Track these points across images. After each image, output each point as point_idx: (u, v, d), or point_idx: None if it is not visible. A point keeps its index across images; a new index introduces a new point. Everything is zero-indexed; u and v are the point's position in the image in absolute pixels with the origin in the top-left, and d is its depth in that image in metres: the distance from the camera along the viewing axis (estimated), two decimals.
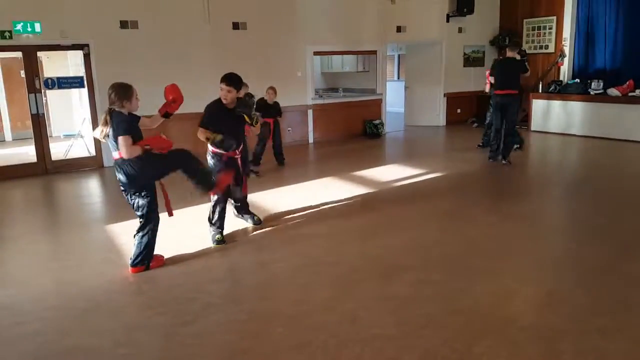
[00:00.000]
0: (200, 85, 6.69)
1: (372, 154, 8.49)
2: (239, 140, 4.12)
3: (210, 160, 4.18)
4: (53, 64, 8.79)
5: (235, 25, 8.20)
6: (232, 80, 4.01)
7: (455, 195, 5.62)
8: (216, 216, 4.18)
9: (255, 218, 4.59)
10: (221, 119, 4.04)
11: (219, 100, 4.08)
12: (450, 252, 3.91)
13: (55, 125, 9.43)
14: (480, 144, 8.22)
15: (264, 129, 7.19)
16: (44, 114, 6.89)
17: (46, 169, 7.06)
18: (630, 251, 3.83)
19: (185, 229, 4.46)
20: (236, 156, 4.20)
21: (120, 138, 3.35)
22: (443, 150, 8.91)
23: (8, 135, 10.08)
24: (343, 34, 9.52)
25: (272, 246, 4.16)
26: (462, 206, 5.15)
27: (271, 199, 5.41)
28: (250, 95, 6.04)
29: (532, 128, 10.07)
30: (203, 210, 5.04)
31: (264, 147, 7.16)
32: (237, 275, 3.73)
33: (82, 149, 7.99)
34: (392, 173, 6.61)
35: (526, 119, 10.42)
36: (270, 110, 7.04)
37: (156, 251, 3.73)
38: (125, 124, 3.40)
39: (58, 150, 7.88)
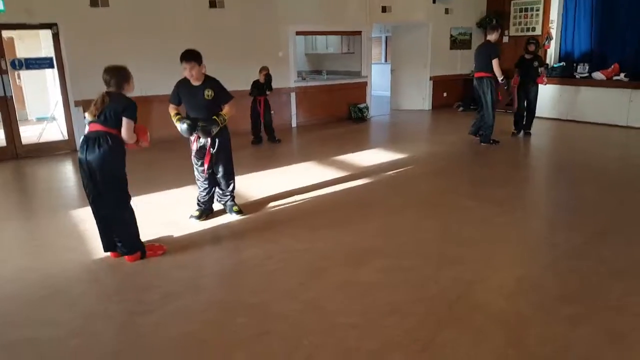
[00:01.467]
0: (176, 65, 6.42)
1: (356, 138, 8.37)
2: (208, 117, 3.99)
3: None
4: (24, 44, 8.50)
5: (212, 4, 7.95)
6: (189, 56, 3.91)
7: (436, 180, 5.54)
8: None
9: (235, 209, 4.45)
10: (185, 94, 4.03)
11: (184, 78, 4.00)
12: (424, 238, 3.83)
13: (30, 108, 9.18)
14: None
15: (253, 105, 7.33)
16: (11, 96, 6.64)
17: (16, 153, 6.85)
18: (606, 236, 3.78)
19: (149, 215, 4.33)
20: (206, 146, 4.09)
21: (127, 120, 3.27)
22: (428, 134, 8.81)
23: None
24: (327, 12, 9.30)
25: (243, 233, 4.05)
26: (442, 191, 5.07)
27: (249, 184, 5.29)
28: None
29: None
30: (168, 196, 4.94)
31: (258, 124, 7.48)
32: (202, 262, 3.62)
33: (55, 132, 7.78)
34: (374, 157, 6.51)
35: (511, 102, 10.34)
36: (262, 88, 7.39)
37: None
38: (134, 107, 3.32)
39: (32, 134, 7.70)
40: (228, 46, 8.20)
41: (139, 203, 3.72)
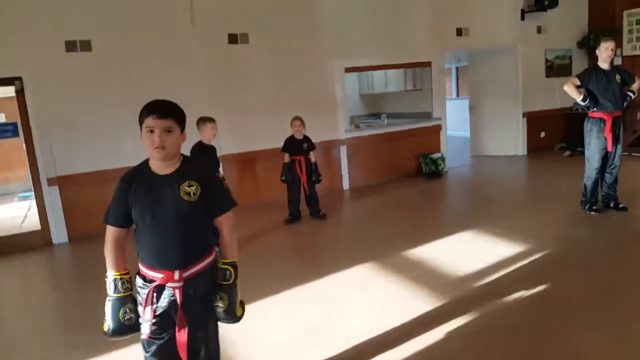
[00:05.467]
0: (190, 119, 4.54)
1: (432, 209, 5.97)
2: (192, 256, 1.92)
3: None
4: None
5: (232, 38, 6.04)
6: (160, 108, 1.84)
7: (581, 301, 3.03)
8: None
9: None
10: (142, 197, 1.87)
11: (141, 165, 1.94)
12: None
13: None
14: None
15: (290, 170, 5.35)
16: None
17: None
18: None
19: None
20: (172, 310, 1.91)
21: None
22: (536, 197, 6.19)
23: None
24: (385, 43, 7.14)
25: None
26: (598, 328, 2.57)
27: (251, 337, 3.05)
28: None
29: None
30: None
31: (297, 194, 5.48)
32: None
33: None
34: (465, 255, 4.07)
35: (638, 143, 7.59)
36: (299, 146, 5.37)
37: None
38: None
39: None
40: (254, 90, 6.23)
41: None
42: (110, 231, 1.90)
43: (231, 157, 6.10)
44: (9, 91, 5.12)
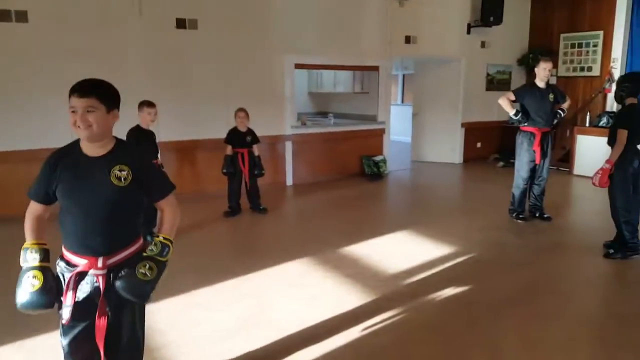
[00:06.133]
0: (125, 107, 4.34)
1: (371, 209, 6.10)
2: (116, 239, 1.85)
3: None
4: None
5: (180, 23, 5.88)
6: (86, 87, 1.75)
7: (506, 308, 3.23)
8: None
9: None
10: (69, 178, 1.80)
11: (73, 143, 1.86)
12: None
13: None
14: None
15: (232, 162, 5.28)
16: None
17: None
18: None
19: None
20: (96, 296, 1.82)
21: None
22: (468, 203, 6.50)
23: None
24: (336, 42, 7.22)
25: None
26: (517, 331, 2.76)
27: (186, 326, 2.99)
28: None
29: (575, 172, 7.74)
30: None
31: (238, 187, 5.42)
32: None
33: None
34: (398, 254, 4.20)
35: (566, 158, 8.14)
36: (243, 138, 5.30)
37: None
38: None
39: None
40: (201, 78, 6.10)
41: None
42: (31, 205, 1.84)
43: (171, 145, 5.94)
44: None
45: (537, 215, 5.23)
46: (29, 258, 1.76)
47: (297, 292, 3.44)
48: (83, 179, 1.76)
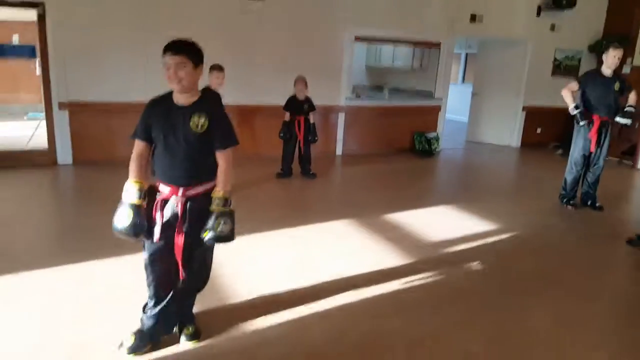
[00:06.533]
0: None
1: (417, 184, 6.20)
2: (191, 174, 2.20)
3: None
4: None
5: None
6: (177, 46, 2.08)
7: (540, 288, 3.31)
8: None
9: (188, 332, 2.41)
10: (160, 123, 2.18)
11: (166, 94, 2.26)
12: None
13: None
14: None
15: (289, 128, 5.55)
16: None
17: None
18: None
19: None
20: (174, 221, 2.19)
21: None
22: (519, 187, 6.43)
23: None
24: (398, 15, 7.22)
25: None
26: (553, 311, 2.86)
27: (242, 260, 3.32)
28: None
29: None
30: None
31: (292, 152, 5.71)
32: None
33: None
34: (440, 225, 4.32)
35: (631, 151, 7.80)
36: (300, 106, 5.54)
37: None
38: None
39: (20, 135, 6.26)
40: (264, 49, 6.36)
41: None
42: (136, 145, 2.17)
43: (234, 108, 6.22)
44: (29, 15, 5.22)
45: (588, 203, 5.15)
46: (129, 194, 2.09)
47: (341, 245, 3.69)
48: (170, 124, 2.09)
